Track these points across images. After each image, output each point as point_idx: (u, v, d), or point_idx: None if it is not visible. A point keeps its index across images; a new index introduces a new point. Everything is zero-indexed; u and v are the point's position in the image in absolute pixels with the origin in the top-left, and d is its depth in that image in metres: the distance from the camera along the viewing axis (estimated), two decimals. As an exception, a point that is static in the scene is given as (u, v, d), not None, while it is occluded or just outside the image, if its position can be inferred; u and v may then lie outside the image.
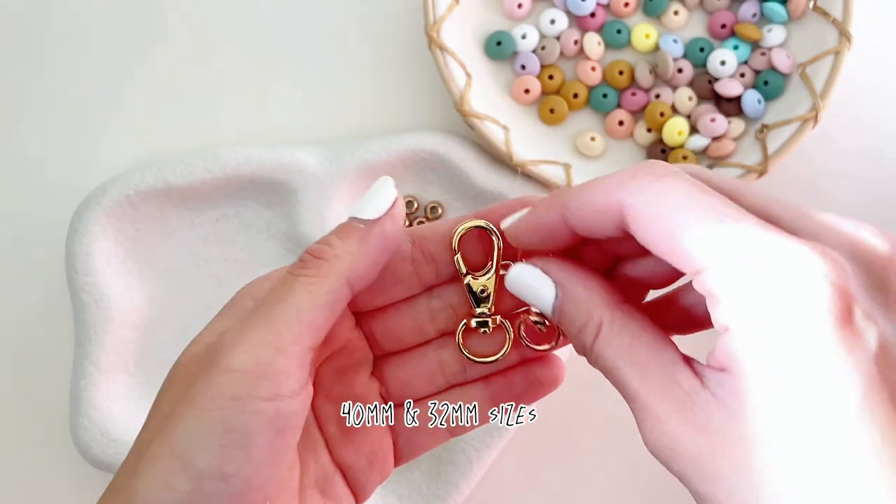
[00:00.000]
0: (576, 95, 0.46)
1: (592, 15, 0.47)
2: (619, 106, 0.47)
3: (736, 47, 0.46)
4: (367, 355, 0.28)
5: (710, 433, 0.21)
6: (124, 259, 0.45)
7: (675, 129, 0.45)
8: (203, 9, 0.48)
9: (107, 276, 0.43)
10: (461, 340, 0.28)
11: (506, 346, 0.28)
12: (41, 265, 0.46)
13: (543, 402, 0.45)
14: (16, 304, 0.46)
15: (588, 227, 0.24)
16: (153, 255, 0.45)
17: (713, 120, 0.45)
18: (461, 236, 0.27)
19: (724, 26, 0.46)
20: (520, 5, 0.46)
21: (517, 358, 0.29)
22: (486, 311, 0.28)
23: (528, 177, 0.44)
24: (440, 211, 0.46)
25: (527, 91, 0.46)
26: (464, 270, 0.27)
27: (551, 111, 0.46)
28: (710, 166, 0.44)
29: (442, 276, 0.28)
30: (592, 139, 0.46)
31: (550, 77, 0.46)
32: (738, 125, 0.45)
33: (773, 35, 0.46)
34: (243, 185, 0.45)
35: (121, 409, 0.43)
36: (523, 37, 0.46)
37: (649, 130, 0.46)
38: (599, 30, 0.47)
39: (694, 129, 0.46)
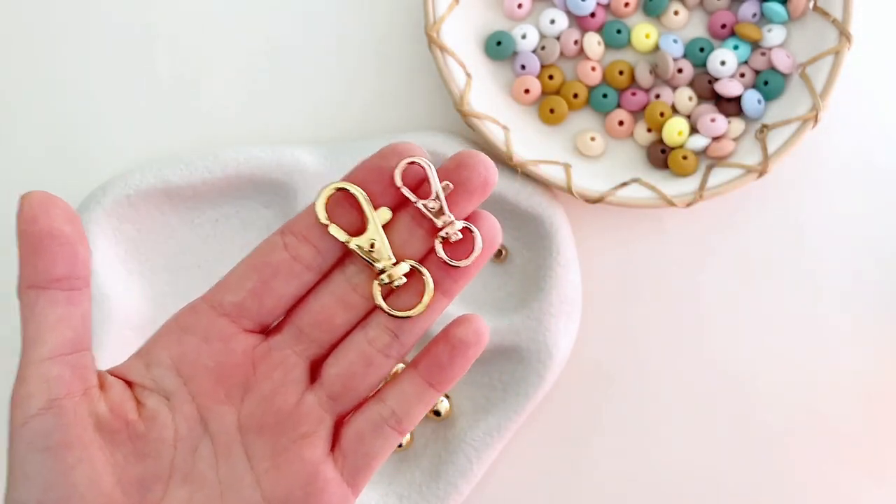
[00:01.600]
0: (576, 95, 0.46)
1: (592, 15, 0.47)
2: (619, 106, 0.47)
3: (736, 47, 0.46)
4: (298, 362, 0.27)
5: None
6: (124, 259, 0.45)
7: (675, 129, 0.45)
8: (203, 9, 0.48)
9: (107, 276, 0.43)
10: (381, 303, 0.27)
11: (427, 289, 0.27)
12: (41, 265, 0.46)
13: (544, 401, 0.45)
14: (16, 304, 0.46)
15: None
16: (153, 255, 0.45)
17: (713, 120, 0.45)
18: (326, 203, 0.27)
19: (724, 26, 0.46)
20: (520, 5, 0.46)
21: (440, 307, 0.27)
22: (387, 264, 0.27)
23: (528, 177, 0.44)
24: (440, 211, 0.46)
25: (527, 91, 0.46)
26: (343, 237, 0.27)
27: (551, 111, 0.46)
28: (711, 166, 0.45)
29: (327, 253, 0.27)
30: (592, 139, 0.46)
31: (550, 77, 0.46)
32: (738, 125, 0.45)
33: (773, 35, 0.46)
34: (243, 185, 0.45)
35: (121, 408, 0.43)
36: (523, 37, 0.46)
37: (649, 130, 0.46)
38: (599, 30, 0.47)
39: (694, 129, 0.46)
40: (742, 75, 0.46)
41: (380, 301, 0.27)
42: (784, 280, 0.47)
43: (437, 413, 0.44)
